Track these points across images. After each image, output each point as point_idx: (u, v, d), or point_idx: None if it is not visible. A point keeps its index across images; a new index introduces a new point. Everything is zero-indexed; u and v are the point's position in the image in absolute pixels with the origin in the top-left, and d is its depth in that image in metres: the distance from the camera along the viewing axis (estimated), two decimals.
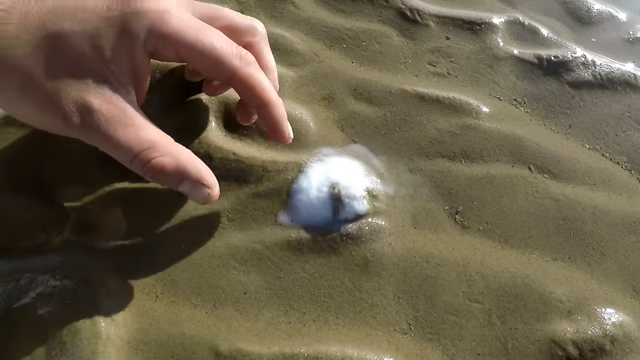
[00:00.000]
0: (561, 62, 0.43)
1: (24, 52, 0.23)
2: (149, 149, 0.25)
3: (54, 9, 0.24)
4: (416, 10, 0.45)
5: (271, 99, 0.28)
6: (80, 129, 0.24)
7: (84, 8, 0.24)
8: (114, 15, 0.24)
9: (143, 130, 0.25)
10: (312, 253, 0.31)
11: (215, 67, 0.26)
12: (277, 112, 0.28)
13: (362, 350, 0.28)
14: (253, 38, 0.30)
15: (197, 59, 0.26)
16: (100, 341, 0.26)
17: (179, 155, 0.26)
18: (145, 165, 0.25)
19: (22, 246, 0.29)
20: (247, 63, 0.27)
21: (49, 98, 0.24)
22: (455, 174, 0.36)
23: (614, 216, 0.35)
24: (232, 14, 0.29)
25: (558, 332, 0.29)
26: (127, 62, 0.25)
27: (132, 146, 0.24)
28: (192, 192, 0.26)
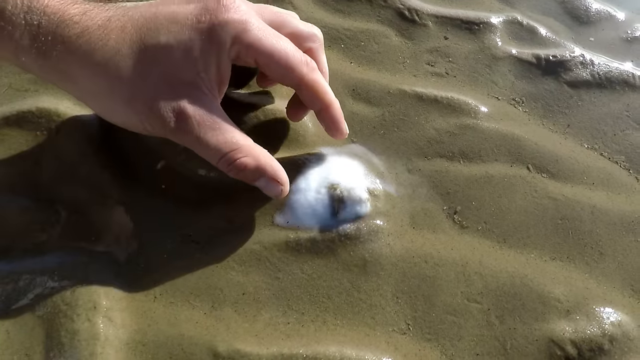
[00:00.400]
0: (559, 62, 0.43)
1: (126, 66, 0.26)
2: (234, 150, 0.28)
3: (147, 22, 0.27)
4: (414, 10, 0.45)
5: (331, 100, 0.31)
6: (176, 133, 0.27)
7: (175, 21, 0.27)
8: (203, 27, 0.27)
9: (229, 133, 0.28)
10: (311, 254, 0.31)
11: (286, 73, 0.29)
12: (337, 112, 0.31)
13: (361, 350, 0.28)
14: (313, 44, 0.32)
15: (272, 66, 0.29)
16: (98, 342, 0.26)
17: (259, 156, 0.28)
18: (231, 164, 0.28)
19: (20, 247, 0.29)
20: (312, 69, 0.30)
21: (150, 106, 0.26)
22: (454, 173, 0.36)
23: (612, 215, 0.35)
24: (295, 22, 0.32)
25: (557, 332, 0.29)
26: (215, 70, 0.28)
27: (221, 148, 0.27)
28: (266, 188, 0.29)
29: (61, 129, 0.33)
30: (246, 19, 0.27)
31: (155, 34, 0.26)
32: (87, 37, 0.26)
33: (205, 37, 0.27)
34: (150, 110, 0.26)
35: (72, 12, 0.26)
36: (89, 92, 0.27)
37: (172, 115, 0.26)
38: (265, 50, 0.28)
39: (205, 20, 0.27)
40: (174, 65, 0.27)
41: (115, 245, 0.30)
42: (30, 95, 0.35)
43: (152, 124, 0.27)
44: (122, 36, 0.26)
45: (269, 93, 0.37)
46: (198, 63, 0.27)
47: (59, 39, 0.25)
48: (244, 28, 0.27)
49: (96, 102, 0.28)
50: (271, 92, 0.37)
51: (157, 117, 0.26)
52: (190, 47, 0.26)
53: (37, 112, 0.33)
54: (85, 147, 0.32)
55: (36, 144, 0.33)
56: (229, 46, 0.27)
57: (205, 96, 0.27)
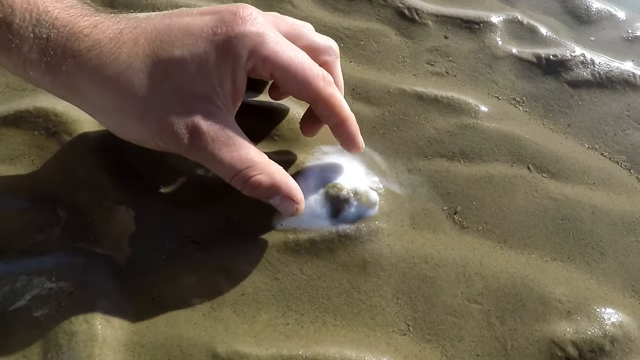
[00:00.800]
0: (560, 61, 0.43)
1: (138, 80, 0.25)
2: (249, 167, 0.27)
3: (160, 35, 0.26)
4: (414, 9, 0.45)
5: (348, 115, 0.30)
6: (189, 150, 0.26)
7: (190, 33, 0.26)
8: (219, 40, 0.26)
9: (244, 150, 0.27)
10: (310, 254, 0.30)
11: (302, 87, 0.28)
12: (353, 127, 0.30)
13: (361, 351, 0.27)
14: (329, 57, 0.31)
15: (288, 80, 0.28)
16: (96, 343, 0.26)
17: (274, 173, 0.28)
18: (245, 182, 0.27)
19: (18, 248, 0.29)
20: (329, 84, 0.29)
21: (163, 122, 0.25)
22: (454, 173, 0.36)
23: (613, 216, 0.35)
24: (312, 34, 0.31)
25: (557, 333, 0.29)
26: (230, 84, 0.27)
27: (235, 165, 0.27)
28: (281, 206, 0.29)
29: (59, 129, 0.33)
30: (263, 31, 0.27)
31: (169, 47, 0.25)
32: (98, 51, 0.25)
33: (221, 50, 0.26)
34: (163, 126, 0.25)
35: (83, 24, 0.25)
36: (100, 107, 0.27)
37: (185, 132, 0.25)
38: (282, 63, 0.27)
39: (221, 33, 0.26)
40: (188, 80, 0.26)
41: (113, 246, 0.30)
42: (27, 94, 0.35)
43: (165, 141, 0.26)
44: (134, 49, 0.25)
45: None
46: (213, 77, 0.26)
47: (69, 52, 0.24)
48: (261, 41, 0.26)
49: (107, 117, 0.27)
50: None
51: (171, 133, 0.25)
52: (205, 60, 0.26)
53: (34, 112, 0.33)
54: (83, 147, 0.32)
55: (33, 144, 0.33)
56: (245, 59, 0.26)
57: (219, 111, 0.26)
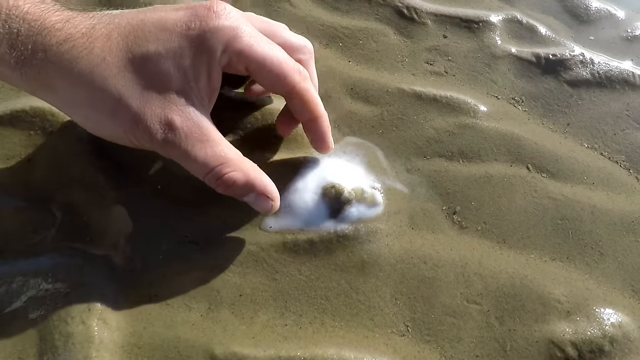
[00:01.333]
0: (559, 61, 0.43)
1: (111, 75, 0.25)
2: (222, 164, 0.26)
3: (134, 30, 0.25)
4: (413, 9, 0.45)
5: (321, 112, 0.30)
6: (162, 145, 0.26)
7: (164, 28, 0.26)
8: (193, 34, 0.26)
9: (218, 146, 0.27)
10: (308, 255, 0.30)
11: (277, 81, 0.28)
12: (325, 125, 0.31)
13: (359, 352, 0.27)
14: (304, 55, 0.31)
15: (264, 73, 0.28)
16: (93, 345, 0.26)
17: (248, 170, 0.27)
18: (219, 179, 0.27)
19: (14, 249, 0.29)
20: (304, 78, 0.29)
21: (136, 118, 0.25)
22: (453, 173, 0.36)
23: (612, 215, 0.35)
24: (286, 33, 0.31)
25: (557, 333, 0.29)
26: (206, 78, 0.26)
27: (208, 162, 0.26)
28: (256, 203, 0.28)
29: (55, 129, 0.33)
30: (237, 25, 0.26)
31: (143, 42, 0.25)
32: (70, 45, 0.24)
33: (196, 44, 0.26)
34: (136, 122, 0.25)
35: (54, 19, 0.24)
36: (71, 102, 0.26)
37: (159, 127, 0.25)
38: (257, 56, 0.27)
39: (195, 27, 0.26)
40: (163, 75, 0.25)
41: (110, 247, 0.30)
42: (24, 94, 0.35)
43: (138, 137, 0.26)
44: (107, 44, 0.25)
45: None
46: (188, 72, 0.26)
47: (40, 47, 0.24)
48: (235, 34, 0.26)
49: (79, 113, 0.27)
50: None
51: (144, 129, 0.25)
52: (179, 55, 0.25)
53: (30, 112, 0.33)
54: (79, 147, 0.32)
55: (30, 144, 0.32)
56: (220, 53, 0.26)
57: (194, 106, 0.26)
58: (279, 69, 0.27)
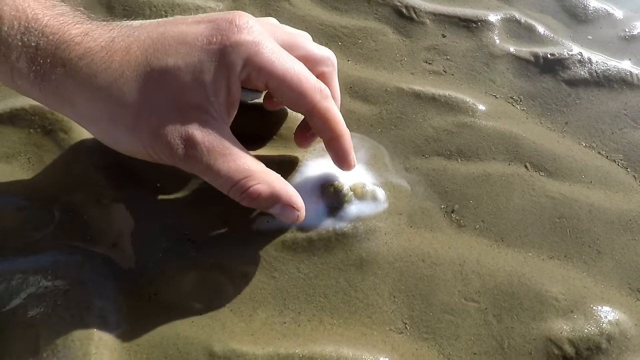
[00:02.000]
0: (557, 60, 0.43)
1: (129, 90, 0.25)
2: (247, 177, 0.26)
3: (154, 43, 0.25)
4: (412, 8, 0.45)
5: (343, 131, 0.29)
6: (185, 161, 0.25)
7: (184, 42, 0.25)
8: (214, 48, 0.25)
9: (240, 159, 0.26)
10: (307, 253, 0.30)
11: (297, 99, 0.27)
12: (347, 144, 0.30)
13: (358, 350, 0.27)
14: (326, 68, 0.31)
15: (284, 91, 0.27)
16: (92, 342, 0.26)
17: (273, 182, 0.27)
18: (244, 192, 0.26)
19: (13, 246, 0.29)
20: (325, 97, 0.28)
21: (156, 133, 0.25)
22: (451, 172, 0.36)
23: (610, 214, 0.35)
24: (309, 44, 0.30)
25: (554, 331, 0.29)
26: (225, 93, 0.26)
27: (232, 175, 0.26)
28: (282, 214, 0.28)
29: (55, 127, 0.33)
30: (259, 40, 0.26)
31: (163, 56, 0.25)
32: (89, 59, 0.24)
33: (216, 59, 0.25)
34: (155, 138, 0.25)
35: (73, 32, 0.24)
36: (90, 117, 0.26)
37: (179, 142, 0.25)
38: (277, 73, 0.26)
39: (216, 42, 0.25)
40: (182, 89, 0.25)
41: (110, 245, 0.30)
42: None
43: (159, 152, 0.25)
44: (126, 58, 0.25)
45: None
46: (207, 87, 0.25)
47: (59, 61, 0.24)
48: (257, 50, 0.26)
49: (98, 128, 0.26)
50: None
51: (164, 144, 0.25)
52: (199, 69, 0.25)
53: (30, 110, 0.33)
54: (79, 145, 0.32)
55: (29, 142, 0.32)
56: (240, 68, 0.26)
57: (214, 121, 0.26)
58: (299, 87, 0.27)
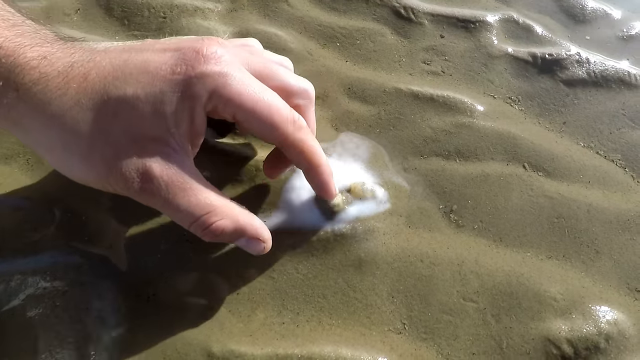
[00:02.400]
0: (555, 60, 0.43)
1: (84, 119, 0.23)
2: (209, 213, 0.25)
3: (114, 71, 0.24)
4: (410, 9, 0.45)
5: (320, 162, 0.28)
6: (140, 194, 0.24)
7: (146, 71, 0.24)
8: (178, 79, 0.24)
9: (202, 194, 0.25)
10: (306, 253, 0.30)
11: (269, 131, 0.26)
12: (325, 174, 0.29)
13: (356, 350, 0.27)
14: (302, 101, 0.30)
15: (253, 123, 0.26)
16: (91, 343, 0.26)
17: (237, 216, 0.26)
18: (205, 229, 0.25)
19: (12, 247, 0.29)
20: (299, 128, 0.27)
21: (110, 164, 0.24)
22: (450, 172, 0.36)
23: (608, 214, 0.35)
24: (286, 76, 0.29)
25: (553, 331, 0.29)
26: (187, 125, 0.25)
27: (192, 211, 0.25)
28: (248, 247, 0.27)
29: None
30: (227, 71, 0.25)
31: (122, 84, 0.24)
32: (44, 85, 0.23)
33: (179, 90, 0.24)
34: (109, 169, 0.24)
35: (29, 55, 0.23)
36: (44, 144, 0.24)
37: (135, 176, 0.24)
38: (245, 106, 0.25)
39: (180, 72, 0.24)
40: (140, 120, 0.24)
41: (108, 246, 0.30)
42: None
43: (113, 184, 0.24)
44: (83, 85, 0.23)
45: None
46: (168, 118, 0.24)
47: (12, 85, 0.23)
48: (224, 82, 0.24)
49: (51, 156, 0.25)
50: None
51: (119, 176, 0.24)
52: (160, 100, 0.24)
53: None
54: None
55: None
56: (205, 100, 0.25)
57: (175, 153, 0.25)
58: (269, 119, 0.26)
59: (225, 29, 0.41)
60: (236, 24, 0.42)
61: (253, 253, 0.27)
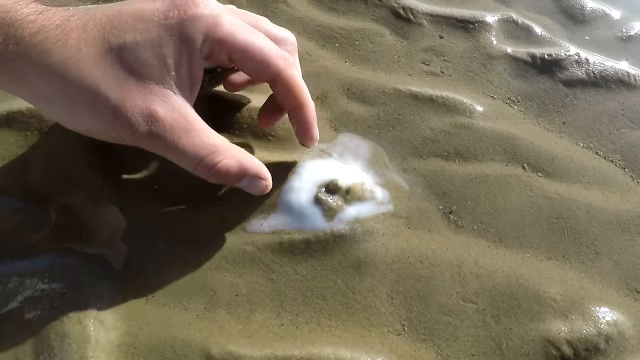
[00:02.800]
0: (555, 61, 0.43)
1: (87, 66, 0.24)
2: (213, 153, 0.26)
3: (110, 21, 0.25)
4: (409, 9, 0.45)
5: (307, 100, 0.29)
6: (147, 138, 0.25)
7: (141, 18, 0.25)
8: (172, 23, 0.25)
9: (205, 135, 0.26)
10: (304, 254, 0.30)
11: (262, 68, 0.27)
12: (310, 114, 0.30)
13: (356, 351, 0.27)
14: (287, 47, 0.30)
15: (247, 61, 0.27)
16: (89, 345, 0.26)
17: (239, 155, 0.27)
18: (212, 169, 0.26)
19: (10, 249, 0.29)
20: (290, 65, 0.28)
21: (117, 110, 0.24)
22: (449, 173, 0.36)
23: (607, 214, 0.35)
24: (269, 25, 0.30)
25: (552, 332, 0.29)
26: (187, 68, 0.26)
27: (198, 152, 0.25)
28: (250, 186, 0.28)
29: (51, 129, 0.33)
30: (217, 13, 0.26)
31: (120, 32, 0.24)
32: (44, 36, 0.23)
33: (175, 34, 0.25)
34: (115, 115, 0.24)
35: (26, 11, 0.24)
36: (46, 97, 0.25)
37: (141, 119, 0.24)
38: (239, 44, 0.26)
39: (173, 16, 0.25)
40: (142, 65, 0.25)
41: (106, 247, 0.30)
42: None
43: (119, 131, 0.25)
44: (83, 35, 0.24)
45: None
46: (168, 61, 0.25)
47: (12, 39, 0.23)
48: (215, 22, 0.26)
49: (54, 108, 0.25)
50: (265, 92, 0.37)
51: (125, 121, 0.24)
52: (158, 44, 0.25)
53: (27, 112, 0.33)
54: (75, 147, 0.32)
55: (26, 144, 0.32)
56: (201, 43, 0.26)
57: (176, 96, 0.25)
58: (262, 55, 0.27)
59: None
60: None
61: (255, 193, 0.28)
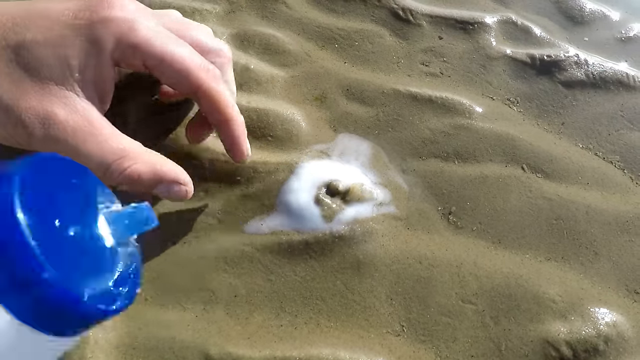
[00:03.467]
0: (554, 62, 0.43)
1: None
2: (122, 158, 0.24)
3: (13, 18, 0.23)
4: (409, 10, 0.45)
5: (233, 115, 0.28)
6: (44, 142, 0.23)
7: (47, 16, 0.23)
8: (80, 23, 0.24)
9: (114, 139, 0.24)
10: (303, 255, 0.30)
11: (181, 79, 0.26)
12: (238, 129, 0.28)
13: (355, 352, 0.27)
14: (219, 59, 0.29)
15: (164, 70, 0.25)
16: (88, 346, 0.26)
17: (152, 159, 0.25)
18: (121, 174, 0.24)
19: None
20: (213, 77, 0.27)
21: (9, 111, 0.23)
22: (449, 174, 0.36)
23: (607, 215, 0.35)
24: (200, 35, 0.28)
25: (552, 333, 0.29)
26: (93, 72, 0.24)
27: (104, 157, 0.24)
28: (169, 193, 0.26)
29: None
30: (133, 17, 0.24)
31: (21, 30, 0.23)
32: None
33: (82, 35, 0.23)
34: (8, 116, 0.22)
35: None
36: None
37: (36, 121, 0.23)
38: (155, 51, 0.24)
39: (83, 17, 0.24)
40: (41, 64, 0.23)
41: None
42: None
43: (12, 134, 0.23)
44: None
45: (265, 94, 0.37)
46: (71, 62, 0.23)
47: None
48: (130, 27, 0.24)
49: None
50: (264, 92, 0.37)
51: (18, 123, 0.22)
52: (60, 44, 0.23)
53: None
54: None
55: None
56: (112, 47, 0.24)
57: (80, 99, 0.24)
58: (181, 65, 0.25)
59: (224, 31, 0.41)
60: (234, 25, 0.42)
61: (175, 199, 0.26)
